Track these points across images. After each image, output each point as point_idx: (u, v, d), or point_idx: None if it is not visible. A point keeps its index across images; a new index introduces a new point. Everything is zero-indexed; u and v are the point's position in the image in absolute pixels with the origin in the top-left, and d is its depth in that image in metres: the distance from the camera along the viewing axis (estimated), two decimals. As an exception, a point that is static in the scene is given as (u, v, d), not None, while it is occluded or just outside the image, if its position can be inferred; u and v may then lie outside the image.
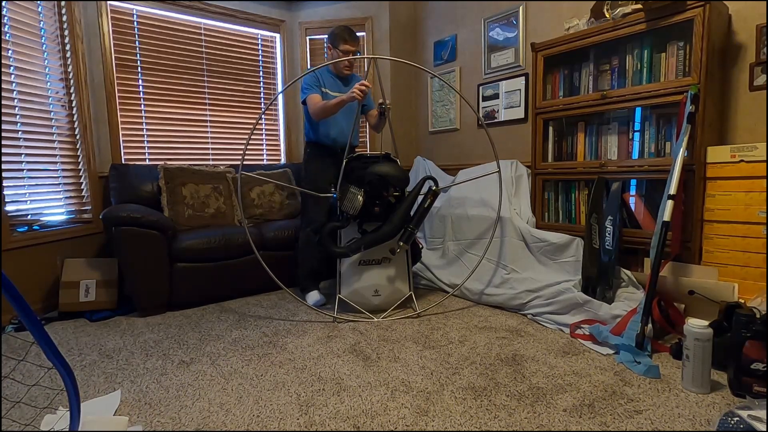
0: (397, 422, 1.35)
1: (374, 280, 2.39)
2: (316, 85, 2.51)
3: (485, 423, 1.33)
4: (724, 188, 1.95)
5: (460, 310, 2.41)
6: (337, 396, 1.51)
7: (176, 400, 1.52)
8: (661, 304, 1.91)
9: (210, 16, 3.37)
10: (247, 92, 3.62)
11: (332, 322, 2.26)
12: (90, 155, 2.81)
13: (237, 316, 2.41)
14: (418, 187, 2.38)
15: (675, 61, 2.13)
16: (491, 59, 3.23)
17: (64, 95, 2.70)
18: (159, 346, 2.00)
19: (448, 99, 3.62)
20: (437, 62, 3.68)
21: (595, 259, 2.20)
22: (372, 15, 3.68)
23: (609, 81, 2.40)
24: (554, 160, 2.63)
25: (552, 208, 2.67)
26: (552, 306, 2.16)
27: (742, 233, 1.90)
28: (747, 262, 1.89)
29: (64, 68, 2.69)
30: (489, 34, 3.23)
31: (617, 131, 2.37)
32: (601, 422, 1.32)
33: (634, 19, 2.15)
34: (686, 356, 1.48)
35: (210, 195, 2.96)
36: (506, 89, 3.14)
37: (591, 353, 1.80)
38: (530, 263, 2.49)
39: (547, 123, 2.62)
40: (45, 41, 2.58)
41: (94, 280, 2.49)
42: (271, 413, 1.42)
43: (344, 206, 2.27)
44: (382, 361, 1.78)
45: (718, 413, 1.33)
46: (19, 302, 0.97)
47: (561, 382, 1.57)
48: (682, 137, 1.93)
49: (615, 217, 2.19)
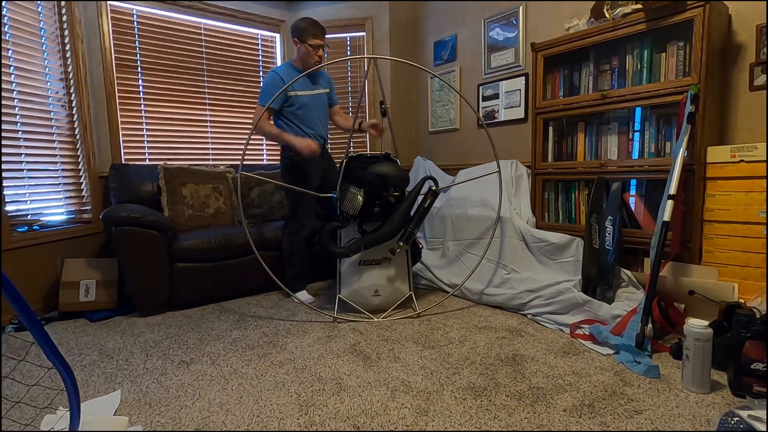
0: (397, 422, 1.35)
1: (374, 280, 2.39)
2: (283, 93, 2.41)
3: (485, 423, 1.33)
4: (724, 188, 1.95)
5: (460, 310, 2.41)
6: (337, 396, 1.51)
7: (176, 400, 1.52)
8: (661, 304, 1.90)
9: (210, 16, 3.37)
10: (247, 92, 3.62)
11: (332, 322, 2.26)
12: (90, 155, 2.81)
13: (237, 316, 2.41)
14: (418, 187, 2.38)
15: (675, 61, 2.13)
16: (491, 59, 3.23)
17: (64, 95, 2.70)
18: (159, 346, 2.00)
19: (448, 99, 3.62)
20: (437, 62, 3.68)
21: (595, 259, 2.20)
22: (372, 15, 3.68)
23: (609, 81, 2.40)
24: (554, 160, 2.63)
25: (552, 208, 2.67)
26: (552, 306, 2.16)
27: (742, 233, 1.90)
28: (747, 262, 1.89)
29: (64, 68, 2.69)
30: (489, 34, 3.23)
31: (617, 131, 2.37)
32: (601, 422, 1.32)
33: (634, 19, 2.15)
34: (686, 356, 1.48)
35: (210, 195, 2.96)
36: (506, 89, 3.14)
37: (591, 353, 1.80)
38: (530, 263, 2.49)
39: (547, 123, 2.62)
40: (45, 41, 2.58)
41: (94, 280, 2.49)
42: (271, 413, 1.42)
43: (344, 206, 2.27)
44: (382, 361, 1.78)
45: (718, 413, 1.33)
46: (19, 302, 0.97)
47: (561, 382, 1.57)
48: (682, 137, 1.93)
49: (615, 217, 2.19)
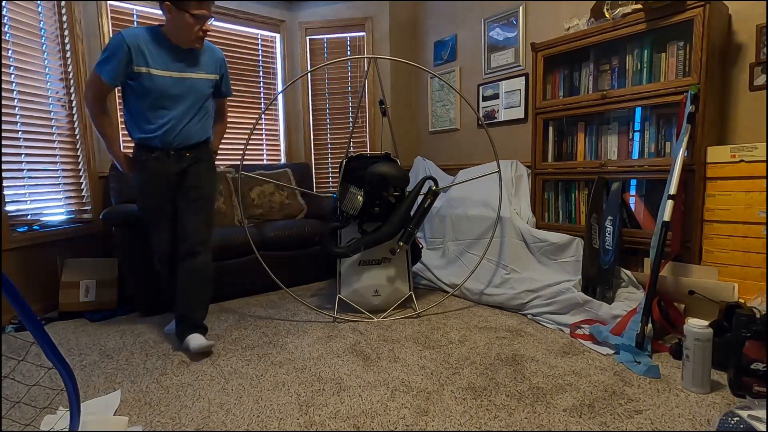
0: (397, 422, 1.35)
1: (374, 280, 2.39)
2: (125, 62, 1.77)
3: (485, 423, 1.33)
4: (724, 188, 1.95)
5: (460, 310, 2.41)
6: (337, 396, 1.51)
7: (176, 400, 1.52)
8: (661, 304, 1.90)
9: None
10: (247, 92, 3.62)
11: (332, 322, 2.26)
12: (90, 155, 2.81)
13: (237, 316, 2.41)
14: (418, 187, 2.38)
15: (675, 61, 2.13)
16: (491, 59, 3.23)
17: (64, 95, 2.70)
18: (159, 346, 2.00)
19: (448, 99, 3.62)
20: (437, 62, 3.68)
21: (595, 259, 2.20)
22: (372, 15, 3.68)
23: (609, 81, 2.40)
24: (554, 160, 2.63)
25: (552, 208, 2.67)
26: (552, 306, 2.16)
27: (742, 233, 1.90)
28: (747, 262, 1.89)
29: (64, 68, 2.69)
30: (489, 34, 3.23)
31: (617, 131, 2.37)
32: (601, 422, 1.32)
33: (634, 19, 2.15)
34: (686, 356, 1.48)
35: (210, 195, 2.95)
36: (506, 89, 3.14)
37: (591, 353, 1.80)
38: (530, 263, 2.49)
39: (547, 123, 2.62)
40: (45, 41, 2.58)
41: (94, 280, 2.49)
42: (271, 413, 1.42)
43: (344, 206, 2.27)
44: (382, 361, 1.78)
45: (718, 413, 1.33)
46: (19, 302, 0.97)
47: (561, 382, 1.57)
48: (682, 137, 1.93)
49: (615, 217, 2.19)
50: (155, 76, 1.83)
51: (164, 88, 1.85)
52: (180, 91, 1.89)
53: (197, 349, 1.83)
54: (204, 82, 1.96)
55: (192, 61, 1.92)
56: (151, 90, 1.83)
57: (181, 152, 1.94)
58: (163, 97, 1.86)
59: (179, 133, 1.90)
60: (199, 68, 1.94)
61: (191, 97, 1.92)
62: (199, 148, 2.01)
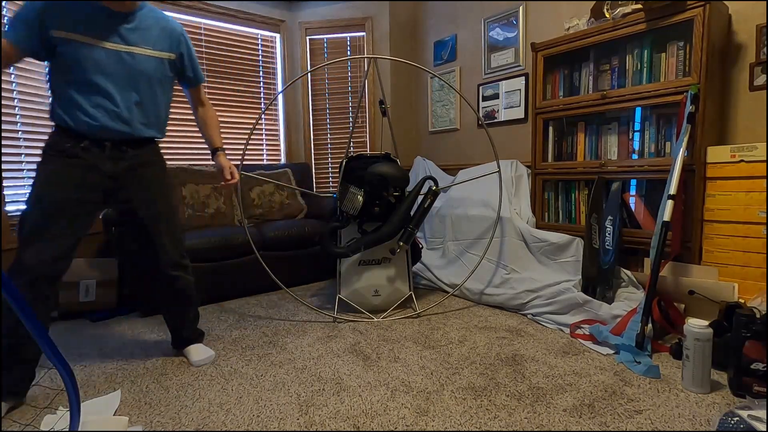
0: (397, 422, 1.35)
1: (374, 280, 2.39)
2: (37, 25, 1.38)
3: (485, 423, 1.33)
4: (724, 188, 1.95)
5: (460, 310, 2.41)
6: (337, 396, 1.51)
7: (176, 400, 1.52)
8: (661, 304, 1.91)
9: (210, 16, 3.37)
10: (247, 92, 3.62)
11: (332, 322, 2.26)
12: (90, 155, 2.81)
13: (237, 316, 2.41)
14: (418, 187, 2.38)
15: (675, 61, 2.13)
16: (491, 59, 3.23)
17: (64, 95, 2.69)
18: (159, 346, 2.00)
19: (448, 99, 3.62)
20: (437, 62, 3.68)
21: (595, 259, 2.20)
22: (372, 15, 3.68)
23: (609, 81, 2.39)
24: (554, 160, 2.63)
25: (552, 208, 2.67)
26: (552, 306, 2.16)
27: (742, 233, 1.90)
28: (747, 262, 1.89)
29: (64, 68, 2.69)
30: (489, 34, 3.23)
31: (617, 131, 2.37)
32: (601, 422, 1.32)
33: (634, 19, 2.15)
34: (686, 356, 1.48)
35: (210, 195, 2.95)
36: (506, 89, 3.14)
37: (591, 353, 1.80)
38: (530, 263, 2.49)
39: (547, 123, 2.62)
40: (45, 41, 2.58)
41: (94, 280, 2.49)
42: (271, 413, 1.42)
43: (344, 206, 2.27)
44: (382, 361, 1.78)
45: (718, 413, 1.33)
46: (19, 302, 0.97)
47: (561, 382, 1.57)
48: (682, 137, 1.93)
49: (615, 217, 2.19)
50: (80, 44, 1.43)
51: (94, 62, 1.45)
52: (116, 69, 1.49)
53: (198, 364, 1.79)
54: (152, 61, 1.57)
55: (136, 33, 1.52)
56: (77, 63, 1.43)
57: (120, 147, 1.55)
58: (94, 73, 1.45)
59: (117, 121, 1.51)
60: (145, 42, 1.55)
61: (133, 79, 1.53)
62: (147, 147, 1.65)
